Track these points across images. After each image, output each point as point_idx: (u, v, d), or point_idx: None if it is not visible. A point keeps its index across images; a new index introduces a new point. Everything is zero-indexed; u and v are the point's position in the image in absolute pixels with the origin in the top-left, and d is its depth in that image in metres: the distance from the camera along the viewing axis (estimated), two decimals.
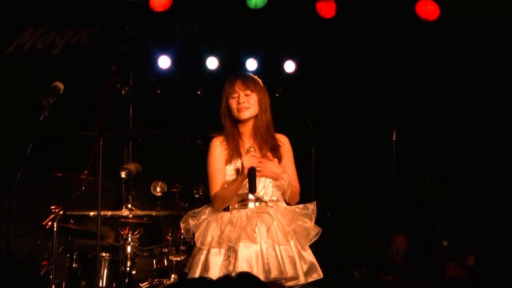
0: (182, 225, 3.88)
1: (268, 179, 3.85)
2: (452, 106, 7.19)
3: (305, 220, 3.84)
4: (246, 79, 3.89)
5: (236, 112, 3.85)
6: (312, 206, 3.87)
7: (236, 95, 3.84)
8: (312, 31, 6.87)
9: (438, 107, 7.24)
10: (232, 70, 6.88)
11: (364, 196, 7.18)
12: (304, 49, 7.05)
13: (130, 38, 6.98)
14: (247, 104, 3.84)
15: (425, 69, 7.05)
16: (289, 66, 7.14)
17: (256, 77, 3.96)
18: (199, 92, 7.08)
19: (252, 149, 3.73)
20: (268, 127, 3.91)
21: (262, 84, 3.93)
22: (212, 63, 7.02)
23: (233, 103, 3.85)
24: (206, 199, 3.92)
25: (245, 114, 3.86)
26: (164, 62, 6.98)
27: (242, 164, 3.69)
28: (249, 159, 3.67)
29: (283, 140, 3.98)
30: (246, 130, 3.91)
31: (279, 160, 3.89)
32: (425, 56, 6.96)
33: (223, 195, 3.80)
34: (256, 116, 3.88)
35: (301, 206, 3.89)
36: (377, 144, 6.43)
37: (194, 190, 6.37)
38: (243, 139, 3.92)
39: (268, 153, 3.87)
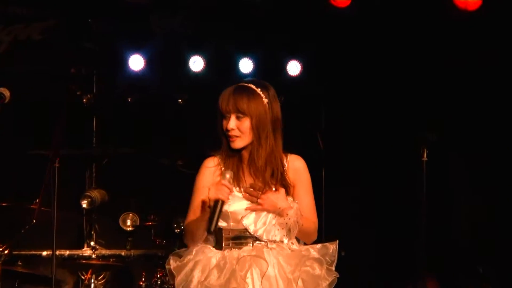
0: (167, 267, 3.83)
1: (270, 215, 3.77)
2: (495, 118, 7.14)
3: (314, 266, 3.75)
4: (240, 96, 3.74)
5: (228, 138, 3.77)
6: (333, 247, 3.80)
7: (228, 115, 3.76)
8: (321, 24, 6.89)
9: (476, 119, 7.20)
10: (221, 73, 6.88)
11: (386, 230, 7.17)
12: (311, 47, 7.07)
13: (94, 33, 6.98)
14: (237, 132, 3.75)
15: (463, 71, 7.03)
16: (293, 68, 7.16)
17: (259, 90, 3.75)
18: (180, 100, 7.08)
19: (227, 176, 3.64)
20: (268, 158, 3.79)
21: (265, 101, 3.76)
22: (196, 64, 7.05)
23: (225, 125, 3.77)
24: None
25: (236, 145, 3.79)
26: (136, 62, 6.99)
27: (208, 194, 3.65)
28: (217, 189, 3.60)
29: (297, 163, 3.88)
30: (246, 154, 3.83)
31: (288, 189, 3.79)
32: (463, 55, 6.93)
33: (188, 228, 3.79)
34: (252, 143, 3.78)
35: (318, 246, 3.81)
36: (402, 166, 6.41)
37: (174, 224, 6.36)
38: (244, 163, 3.83)
39: (272, 181, 3.77)
